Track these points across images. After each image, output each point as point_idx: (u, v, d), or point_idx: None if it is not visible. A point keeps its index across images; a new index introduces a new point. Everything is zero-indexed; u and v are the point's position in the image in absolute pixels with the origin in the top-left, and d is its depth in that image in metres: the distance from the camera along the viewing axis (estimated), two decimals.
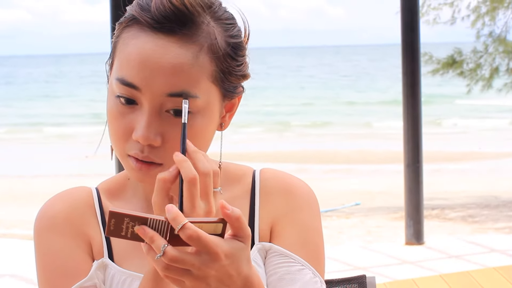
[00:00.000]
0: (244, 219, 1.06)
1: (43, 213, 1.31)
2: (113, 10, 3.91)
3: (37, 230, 1.30)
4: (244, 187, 1.34)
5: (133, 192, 1.33)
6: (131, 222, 1.03)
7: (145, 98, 1.17)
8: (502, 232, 8.08)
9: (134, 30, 1.19)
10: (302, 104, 34.00)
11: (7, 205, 11.28)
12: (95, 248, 1.30)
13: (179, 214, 1.02)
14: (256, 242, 1.31)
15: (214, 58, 1.19)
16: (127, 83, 1.17)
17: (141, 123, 1.17)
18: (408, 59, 7.05)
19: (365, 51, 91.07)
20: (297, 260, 1.29)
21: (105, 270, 1.29)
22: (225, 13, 1.24)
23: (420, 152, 7.08)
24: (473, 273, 5.87)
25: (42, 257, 1.29)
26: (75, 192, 1.33)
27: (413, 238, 7.06)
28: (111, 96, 1.22)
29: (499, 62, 10.63)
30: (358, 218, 9.32)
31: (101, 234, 1.30)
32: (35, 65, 74.52)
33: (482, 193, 11.15)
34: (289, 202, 1.33)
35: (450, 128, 24.08)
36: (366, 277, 1.65)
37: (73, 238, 1.29)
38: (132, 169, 1.20)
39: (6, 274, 6.43)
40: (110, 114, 1.21)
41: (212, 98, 1.20)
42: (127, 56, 1.18)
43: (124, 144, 1.20)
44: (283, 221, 1.32)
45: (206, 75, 1.18)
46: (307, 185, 1.37)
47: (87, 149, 18.42)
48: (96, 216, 1.31)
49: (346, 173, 14.25)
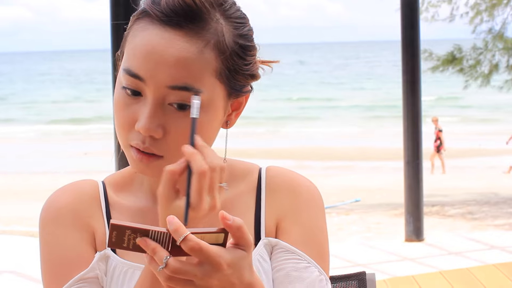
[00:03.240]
0: (246, 228, 1.06)
1: (48, 204, 1.32)
2: (113, 7, 3.90)
3: (42, 221, 1.31)
4: (250, 184, 1.35)
5: (139, 186, 1.34)
6: (132, 234, 1.03)
7: (149, 90, 1.18)
8: (502, 228, 8.08)
9: (144, 22, 1.21)
10: (301, 100, 33.98)
11: (6, 202, 11.29)
12: (98, 240, 1.31)
13: (181, 226, 1.02)
14: (263, 237, 1.32)
15: (220, 55, 1.19)
16: (133, 73, 1.19)
17: (144, 114, 1.18)
18: (408, 56, 7.05)
19: (365, 47, 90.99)
20: (303, 257, 1.30)
21: (107, 261, 1.30)
22: (236, 12, 1.24)
23: (420, 149, 7.08)
24: (472, 269, 5.88)
25: (46, 247, 1.30)
26: (81, 184, 1.34)
27: (413, 234, 7.06)
28: (118, 86, 1.23)
29: (499, 59, 10.62)
30: (358, 214, 9.32)
31: (105, 226, 1.31)
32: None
33: (482, 190, 11.16)
34: (295, 200, 1.33)
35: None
36: (366, 274, 1.65)
37: (77, 229, 1.30)
38: (133, 160, 1.21)
39: (5, 270, 6.44)
40: (116, 104, 1.23)
41: (216, 95, 1.21)
42: (134, 48, 1.20)
43: (127, 134, 1.21)
44: (288, 219, 1.33)
45: (210, 70, 1.19)
46: (313, 184, 1.38)
47: (86, 146, 18.43)
48: (101, 209, 1.32)
49: (346, 169, 14.25)
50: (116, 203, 1.33)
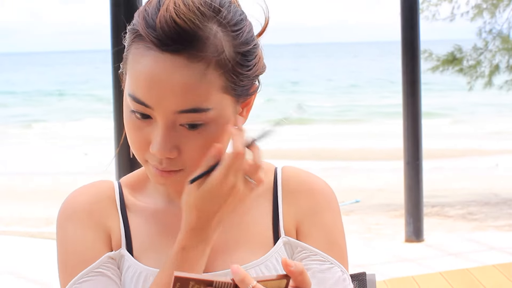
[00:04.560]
0: (306, 272, 1.09)
1: (65, 205, 1.35)
2: (113, 8, 3.89)
3: (59, 220, 1.34)
4: (266, 184, 1.37)
5: (155, 187, 1.37)
6: (196, 285, 1.04)
7: (158, 115, 1.19)
8: (502, 229, 8.08)
9: (142, 46, 1.19)
10: (300, 100, 33.99)
11: (7, 203, 11.28)
12: (114, 240, 1.33)
13: (247, 276, 1.04)
14: (282, 236, 1.34)
15: (223, 72, 1.18)
16: (139, 101, 1.19)
17: (157, 139, 1.19)
18: (408, 57, 7.05)
19: (364, 48, 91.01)
20: (326, 258, 1.33)
21: (121, 261, 1.32)
22: (233, 17, 1.21)
23: (420, 149, 7.08)
24: (472, 270, 5.88)
25: (63, 245, 1.32)
26: (97, 185, 1.37)
27: (413, 235, 7.06)
28: (126, 109, 1.23)
29: (500, 59, 10.61)
30: (358, 215, 9.32)
31: (120, 226, 1.33)
32: None
33: (482, 190, 11.15)
34: (313, 203, 1.37)
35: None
36: (366, 275, 1.65)
37: (92, 229, 1.32)
38: (153, 175, 1.24)
39: (5, 271, 6.43)
40: (127, 125, 1.23)
41: (224, 106, 1.21)
42: (137, 75, 1.19)
43: (143, 153, 1.24)
44: (308, 221, 1.36)
45: (215, 88, 1.18)
46: (328, 185, 1.41)
47: (85, 147, 18.42)
48: (116, 209, 1.35)
49: (346, 170, 14.24)
50: (132, 204, 1.36)
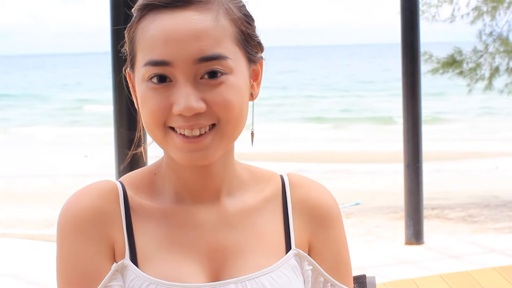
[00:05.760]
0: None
1: (66, 210, 1.27)
2: (113, 9, 3.89)
3: (60, 228, 1.27)
4: (274, 190, 1.37)
5: (162, 186, 1.31)
6: None
7: (178, 72, 1.19)
8: (502, 232, 8.07)
9: (150, 16, 1.22)
10: (301, 103, 33.99)
11: (7, 205, 11.27)
12: (118, 249, 1.27)
13: None
14: (293, 247, 1.35)
15: (232, 20, 1.23)
16: (157, 62, 1.19)
17: (182, 96, 1.18)
18: (408, 59, 7.05)
19: (363, 50, 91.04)
20: (337, 286, 1.38)
21: (124, 272, 1.26)
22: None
23: (420, 152, 7.08)
24: (472, 273, 5.87)
25: (64, 258, 1.26)
26: (99, 186, 1.29)
27: (413, 238, 7.06)
28: (140, 86, 1.22)
29: (499, 62, 10.60)
30: (358, 218, 9.31)
31: (124, 233, 1.27)
32: None
33: (482, 193, 11.14)
34: (323, 220, 1.39)
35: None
36: (366, 277, 1.65)
37: (95, 242, 1.25)
38: (179, 147, 1.21)
39: (5, 274, 6.43)
40: (143, 98, 1.22)
41: (239, 60, 1.24)
42: (150, 40, 1.20)
43: (164, 121, 1.20)
44: (319, 238, 1.38)
45: (229, 36, 1.22)
46: (332, 196, 1.43)
47: (86, 149, 18.42)
48: (120, 214, 1.28)
49: (346, 172, 14.24)
50: (137, 205, 1.29)
